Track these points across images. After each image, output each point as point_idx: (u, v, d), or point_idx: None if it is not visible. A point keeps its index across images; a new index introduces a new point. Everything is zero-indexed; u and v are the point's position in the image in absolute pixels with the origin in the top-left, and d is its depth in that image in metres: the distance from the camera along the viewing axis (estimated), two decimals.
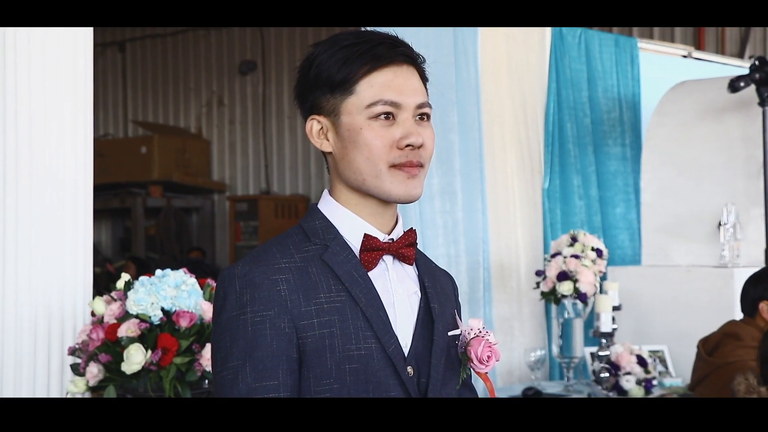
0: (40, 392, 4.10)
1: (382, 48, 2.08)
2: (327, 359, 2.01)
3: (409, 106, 2.08)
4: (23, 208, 4.09)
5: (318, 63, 2.10)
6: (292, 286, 2.02)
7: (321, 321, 2.02)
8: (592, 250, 6.16)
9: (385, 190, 2.08)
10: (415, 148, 2.07)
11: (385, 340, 2.05)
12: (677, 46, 8.53)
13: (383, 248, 2.11)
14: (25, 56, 4.08)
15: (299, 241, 2.12)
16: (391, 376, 2.05)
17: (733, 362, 4.32)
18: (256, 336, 1.99)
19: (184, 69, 14.55)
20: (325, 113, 2.11)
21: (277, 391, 1.97)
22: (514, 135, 6.63)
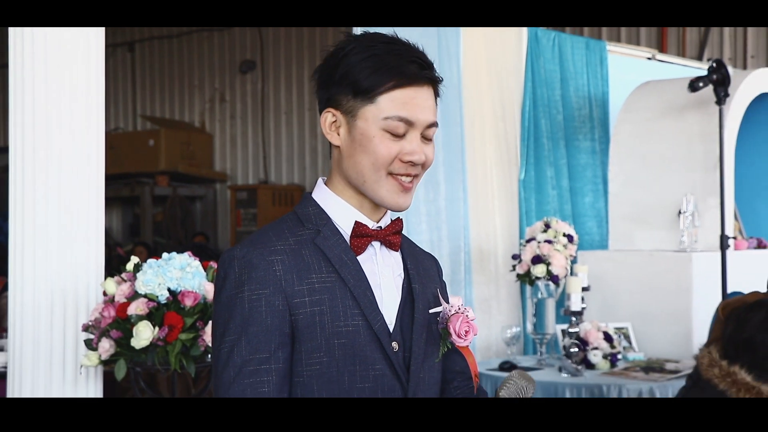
0: (56, 366, 4.10)
1: (411, 67, 2.07)
2: (317, 335, 2.02)
3: (420, 125, 2.07)
4: (40, 197, 4.09)
5: (348, 62, 2.07)
6: (286, 266, 2.03)
7: (312, 299, 2.02)
8: (563, 235, 6.17)
9: (379, 196, 2.09)
10: (415, 164, 2.08)
11: (372, 318, 2.06)
12: (642, 49, 8.54)
13: (372, 235, 2.11)
14: (41, 57, 4.08)
15: (293, 226, 2.12)
16: (376, 350, 2.06)
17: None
18: (252, 312, 1.99)
19: (189, 68, 14.53)
20: (342, 110, 2.09)
21: (268, 363, 1.98)
22: (492, 130, 6.64)
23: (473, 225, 6.43)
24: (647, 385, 5.26)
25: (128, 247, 12.20)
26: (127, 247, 12.21)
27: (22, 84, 4.12)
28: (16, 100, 4.15)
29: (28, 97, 4.10)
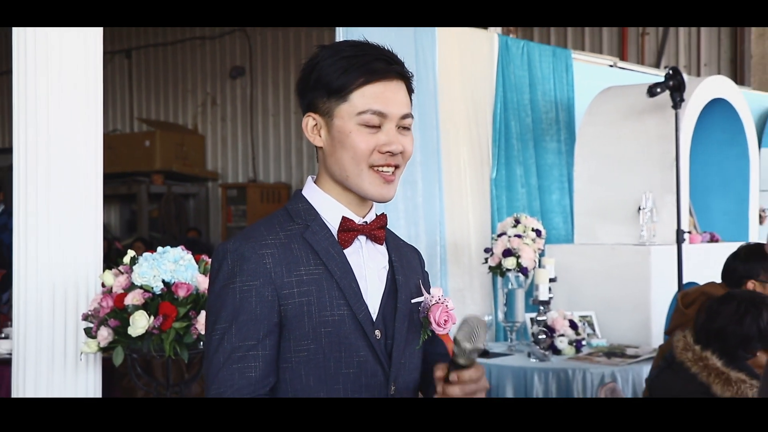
0: (58, 353, 4.09)
1: (378, 63, 2.07)
2: (305, 323, 2.01)
3: (394, 117, 2.07)
4: (42, 194, 4.08)
5: (320, 68, 2.08)
6: (276, 259, 2.02)
7: (300, 290, 2.02)
8: (532, 230, 6.18)
9: (363, 189, 2.08)
10: (393, 154, 2.07)
11: (356, 308, 2.06)
12: (604, 57, 8.55)
13: (358, 229, 2.11)
14: (43, 63, 4.07)
15: (284, 221, 2.11)
16: (360, 338, 2.05)
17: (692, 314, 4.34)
18: (242, 302, 1.99)
19: (182, 73, 14.51)
20: (320, 113, 2.09)
21: (256, 349, 1.97)
22: (466, 132, 6.64)
23: (448, 221, 6.43)
24: (609, 369, 5.28)
25: (127, 241, 12.15)
26: (126, 241, 12.16)
27: (25, 88, 4.11)
28: (19, 104, 4.14)
29: (30, 100, 4.09)
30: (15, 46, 4.13)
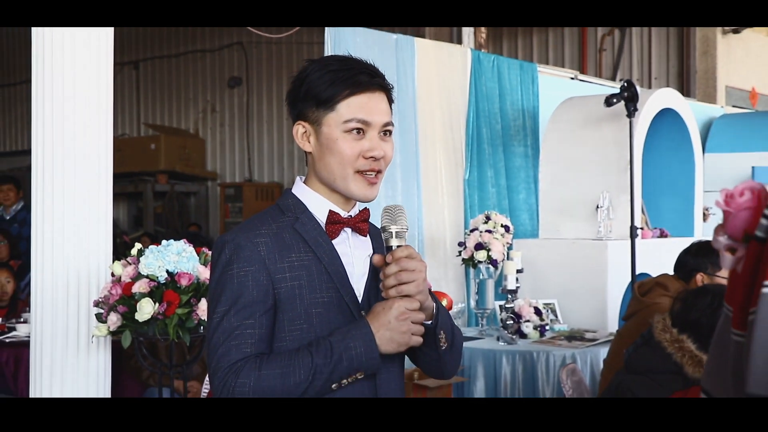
0: (71, 336, 4.09)
1: (362, 76, 2.08)
2: (297, 305, 2.03)
3: (376, 125, 2.08)
4: (58, 192, 4.08)
5: (309, 80, 2.09)
6: (269, 247, 2.03)
7: (292, 275, 2.03)
8: (501, 226, 6.19)
9: (349, 191, 2.10)
10: (377, 159, 2.08)
11: (344, 291, 2.07)
12: (566, 71, 8.58)
13: (343, 222, 2.12)
14: (59, 73, 4.07)
15: (276, 214, 2.12)
16: (347, 318, 2.06)
17: (657, 304, 4.35)
18: (240, 287, 2.00)
19: (185, 83, 14.49)
20: (309, 121, 2.10)
21: (252, 328, 1.98)
22: (442, 137, 6.64)
23: (425, 217, 6.43)
24: (570, 351, 5.29)
25: (134, 235, 12.12)
26: (133, 235, 12.13)
27: (42, 96, 4.11)
28: (38, 110, 4.13)
29: (48, 107, 4.09)
30: (34, 58, 4.13)
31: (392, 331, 2.00)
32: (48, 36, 4.07)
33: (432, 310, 2.09)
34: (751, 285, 0.98)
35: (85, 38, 4.09)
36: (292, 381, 1.94)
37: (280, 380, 1.94)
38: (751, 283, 0.98)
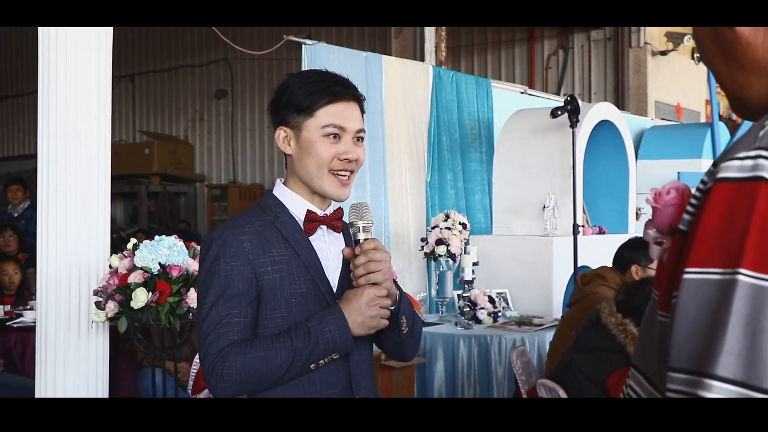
0: (73, 321, 4.06)
1: (338, 87, 2.09)
2: (278, 296, 2.03)
3: (350, 131, 2.09)
4: (61, 192, 4.05)
5: (291, 90, 2.09)
6: (253, 244, 2.03)
7: (273, 269, 2.03)
8: (459, 224, 6.21)
9: (324, 189, 2.10)
10: (350, 161, 2.09)
11: (320, 282, 2.07)
12: (517, 86, 8.61)
13: (320, 220, 2.12)
14: (63, 85, 4.04)
15: (257, 214, 2.12)
16: (324, 307, 2.06)
17: (596, 292, 4.38)
18: (227, 280, 1.99)
19: (176, 94, 14.44)
20: (290, 126, 2.10)
21: (238, 317, 1.98)
22: (406, 144, 6.65)
23: (391, 215, 6.44)
24: (519, 335, 5.31)
25: (130, 231, 12.04)
26: (129, 231, 12.05)
27: (47, 105, 4.08)
28: (43, 119, 4.10)
29: (52, 115, 4.06)
30: (40, 71, 4.10)
31: (363, 316, 2.01)
32: (53, 51, 4.04)
33: (396, 297, 2.10)
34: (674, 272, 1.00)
35: (86, 53, 4.07)
36: (274, 363, 1.94)
37: (264, 362, 1.94)
38: (675, 271, 1.00)
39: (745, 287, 0.90)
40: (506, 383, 5.23)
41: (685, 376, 0.94)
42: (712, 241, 0.94)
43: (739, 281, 0.90)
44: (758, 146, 0.94)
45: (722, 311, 0.91)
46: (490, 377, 5.29)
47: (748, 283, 0.90)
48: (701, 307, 0.93)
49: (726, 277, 0.92)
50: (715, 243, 0.93)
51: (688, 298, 0.94)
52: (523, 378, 4.28)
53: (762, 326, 0.89)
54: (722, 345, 0.90)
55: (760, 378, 0.89)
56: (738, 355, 0.90)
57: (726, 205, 0.94)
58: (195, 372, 4.79)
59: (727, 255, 0.92)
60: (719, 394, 0.90)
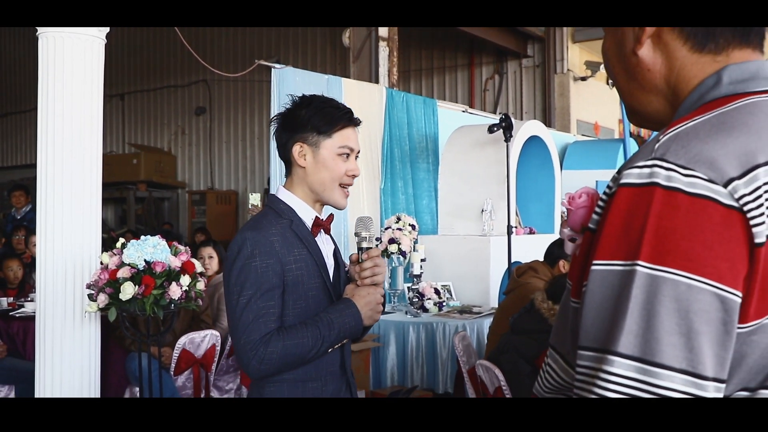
0: (68, 311, 4.01)
1: (348, 116, 2.17)
2: (300, 289, 2.06)
3: (355, 151, 2.19)
4: (58, 197, 4.01)
5: (310, 112, 2.14)
6: (280, 244, 2.05)
7: (297, 266, 2.06)
8: (409, 225, 6.23)
9: (333, 200, 2.17)
10: (355, 176, 2.18)
11: (326, 278, 2.13)
12: (459, 105, 8.65)
13: (322, 224, 2.18)
14: (60, 103, 4.00)
15: (275, 217, 2.13)
16: (328, 298, 2.13)
17: (529, 283, 4.41)
18: (263, 275, 2.01)
19: (161, 111, 14.31)
20: (308, 143, 2.14)
21: (274, 308, 2.01)
22: (363, 155, 6.65)
23: (350, 218, 6.43)
24: (461, 322, 5.34)
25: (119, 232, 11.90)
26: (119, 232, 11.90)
27: (46, 121, 4.03)
28: (42, 132, 4.06)
29: (50, 129, 4.02)
30: (40, 90, 4.05)
31: (372, 311, 2.13)
32: (51, 73, 4.00)
33: (384, 293, 2.23)
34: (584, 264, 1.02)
35: (80, 75, 4.03)
36: (306, 348, 2.01)
37: (299, 348, 2.00)
38: (585, 263, 1.02)
39: (642, 277, 0.91)
40: (450, 364, 5.26)
41: (591, 353, 0.95)
42: (615, 237, 0.95)
43: (638, 271, 0.92)
44: (654, 157, 0.96)
45: (623, 297, 0.92)
46: (436, 359, 5.31)
47: (645, 273, 0.91)
48: (606, 293, 0.94)
49: (627, 268, 0.93)
50: (618, 239, 0.95)
51: (595, 287, 0.95)
52: (464, 359, 4.31)
53: (656, 310, 0.90)
54: (623, 326, 0.91)
55: (653, 354, 0.90)
56: (635, 334, 0.91)
57: (627, 206, 0.95)
58: (177, 356, 4.76)
59: (627, 249, 0.93)
60: (620, 368, 0.91)
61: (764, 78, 1.06)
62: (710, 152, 0.94)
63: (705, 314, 0.90)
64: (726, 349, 0.91)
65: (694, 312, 0.90)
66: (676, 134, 0.98)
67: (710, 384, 0.90)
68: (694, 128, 0.98)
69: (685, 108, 1.07)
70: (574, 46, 11.54)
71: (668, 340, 0.90)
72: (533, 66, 11.76)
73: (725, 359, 0.91)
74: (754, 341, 0.94)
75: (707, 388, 0.90)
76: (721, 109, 1.01)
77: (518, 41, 11.41)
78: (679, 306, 0.90)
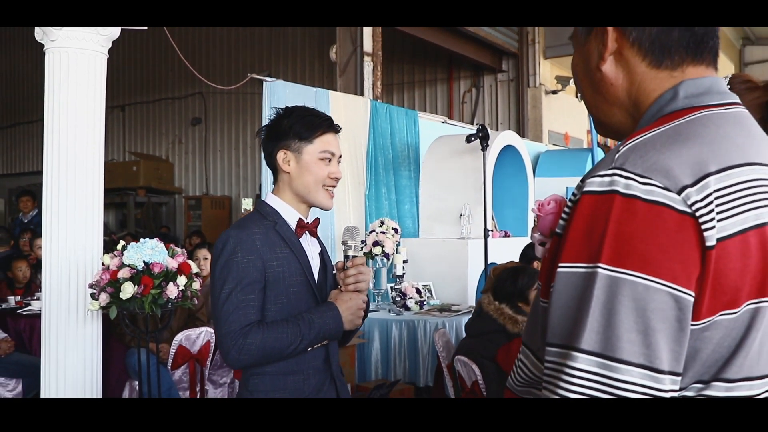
0: (72, 309, 3.99)
1: (328, 122, 2.18)
2: (281, 285, 2.06)
3: (337, 155, 2.19)
4: (63, 202, 3.99)
5: (290, 121, 2.15)
6: (262, 242, 2.06)
7: (278, 263, 2.06)
8: (392, 229, 6.24)
9: (318, 201, 2.17)
10: (337, 179, 2.18)
11: (309, 277, 2.13)
12: (438, 117, 8.67)
13: (306, 227, 2.17)
14: (65, 115, 3.99)
15: (259, 219, 2.14)
16: (311, 296, 2.12)
17: None
18: (244, 270, 2.01)
19: (159, 121, 14.24)
20: (291, 150, 2.15)
21: (253, 301, 2.01)
22: (349, 163, 6.66)
23: (336, 221, 6.43)
24: (441, 319, 5.35)
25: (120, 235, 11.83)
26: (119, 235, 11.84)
27: (52, 130, 4.02)
28: (47, 140, 4.04)
29: (56, 138, 4.00)
30: (46, 103, 4.03)
31: (353, 316, 2.12)
32: (57, 86, 3.99)
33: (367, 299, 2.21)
34: (552, 267, 1.03)
35: (83, 88, 4.01)
36: (285, 343, 2.00)
37: (278, 342, 1.99)
38: (553, 266, 1.03)
39: (603, 278, 0.92)
40: (430, 359, 5.26)
41: (557, 350, 0.96)
42: (579, 241, 0.96)
43: (599, 273, 0.93)
44: (614, 166, 0.97)
45: (586, 297, 0.93)
46: (417, 354, 5.32)
47: (606, 275, 0.92)
48: (570, 294, 0.95)
49: (589, 270, 0.94)
50: (581, 243, 0.95)
51: (561, 287, 0.96)
52: (444, 354, 4.32)
53: (615, 309, 0.91)
54: (585, 324, 0.92)
55: (613, 350, 0.91)
56: (597, 332, 0.92)
57: (590, 213, 0.96)
58: (174, 351, 4.74)
59: (590, 253, 0.94)
60: (583, 363, 0.92)
61: (717, 92, 1.07)
62: (666, 162, 0.95)
63: (661, 312, 0.91)
64: (680, 344, 0.92)
65: (651, 310, 0.91)
66: (634, 145, 0.99)
67: (666, 377, 0.91)
68: (652, 139, 1.00)
69: (646, 120, 1.09)
70: (546, 62, 11.59)
71: (627, 337, 0.90)
72: (508, 80, 11.81)
73: (680, 354, 0.92)
74: (707, 337, 0.95)
75: (663, 381, 0.91)
76: (677, 122, 1.03)
77: (494, 57, 11.45)
78: (637, 305, 0.91)
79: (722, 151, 0.97)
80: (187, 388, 4.82)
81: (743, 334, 0.96)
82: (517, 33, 11.41)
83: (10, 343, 5.22)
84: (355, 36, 7.59)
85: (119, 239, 5.87)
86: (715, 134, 1.00)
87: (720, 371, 0.97)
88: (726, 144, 0.99)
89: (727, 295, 0.94)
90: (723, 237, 0.93)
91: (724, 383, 0.97)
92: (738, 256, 0.94)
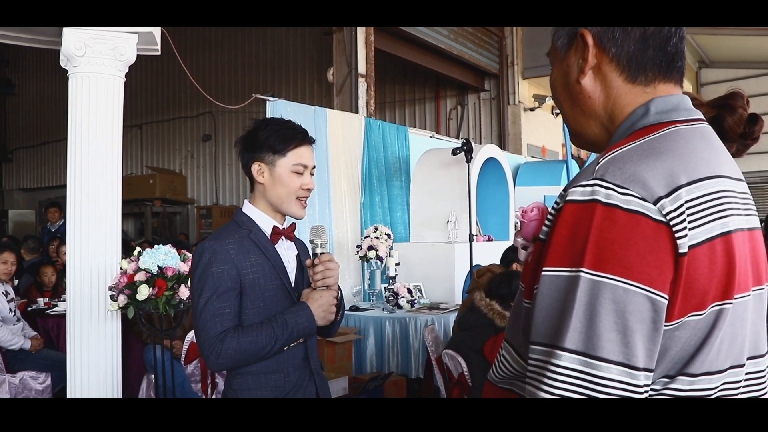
0: (93, 310, 4.00)
1: (301, 135, 2.08)
2: (256, 291, 1.99)
3: (309, 167, 2.09)
4: (85, 212, 4.00)
5: (265, 134, 2.07)
6: (236, 251, 1.99)
7: (252, 270, 2.00)
8: (385, 234, 6.22)
9: (291, 211, 2.09)
10: (310, 190, 2.10)
11: (284, 280, 2.05)
12: (427, 132, 8.68)
13: (281, 233, 2.10)
14: (86, 132, 4.00)
15: (235, 228, 2.07)
16: (287, 299, 2.05)
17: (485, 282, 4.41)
18: (219, 280, 1.95)
19: (173, 138, 14.23)
20: (265, 162, 2.07)
21: (229, 308, 1.94)
22: (345, 174, 6.65)
23: (334, 228, 6.43)
24: (430, 317, 5.34)
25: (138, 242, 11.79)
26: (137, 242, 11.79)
27: (74, 147, 4.03)
28: (71, 156, 4.05)
29: (78, 154, 4.02)
30: (70, 123, 4.06)
31: (324, 312, 2.04)
32: (79, 108, 4.01)
33: (337, 294, 2.13)
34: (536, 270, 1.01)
35: (103, 109, 4.03)
36: (260, 345, 1.93)
37: (253, 345, 1.93)
38: (536, 269, 1.01)
39: (585, 281, 0.91)
40: (421, 353, 5.25)
41: (541, 348, 0.95)
42: (562, 247, 0.94)
43: (582, 277, 0.92)
44: (595, 177, 0.96)
45: (569, 299, 0.92)
46: (409, 349, 5.30)
47: (588, 279, 0.91)
48: (554, 296, 0.94)
49: (572, 274, 0.93)
50: (564, 248, 0.94)
51: (545, 290, 0.95)
52: (433, 348, 4.30)
53: (596, 310, 0.90)
54: (569, 324, 0.91)
55: (594, 348, 0.90)
56: (579, 332, 0.91)
57: (572, 220, 0.95)
58: (186, 347, 4.71)
59: (573, 258, 0.93)
60: (566, 361, 0.91)
61: (684, 109, 1.07)
62: (642, 174, 0.94)
63: (638, 314, 0.90)
64: (655, 343, 0.92)
65: (630, 312, 0.90)
66: (613, 157, 0.99)
67: (641, 374, 0.91)
68: (629, 152, 0.99)
69: (620, 134, 1.08)
70: (524, 82, 11.61)
71: (607, 337, 0.90)
72: (490, 98, 11.83)
73: (654, 352, 0.92)
74: (677, 336, 0.95)
75: (639, 377, 0.90)
76: (650, 136, 1.02)
77: (477, 77, 11.47)
78: (617, 307, 0.90)
79: (692, 165, 0.97)
80: (199, 381, 4.79)
81: (707, 334, 0.96)
82: (498, 56, 11.44)
83: (40, 341, 5.28)
84: (351, 59, 7.60)
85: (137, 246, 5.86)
86: (684, 148, 1.00)
87: (685, 367, 0.97)
88: (694, 158, 0.99)
89: (696, 298, 0.94)
90: (694, 244, 0.93)
91: (688, 377, 0.97)
92: (706, 262, 0.93)
